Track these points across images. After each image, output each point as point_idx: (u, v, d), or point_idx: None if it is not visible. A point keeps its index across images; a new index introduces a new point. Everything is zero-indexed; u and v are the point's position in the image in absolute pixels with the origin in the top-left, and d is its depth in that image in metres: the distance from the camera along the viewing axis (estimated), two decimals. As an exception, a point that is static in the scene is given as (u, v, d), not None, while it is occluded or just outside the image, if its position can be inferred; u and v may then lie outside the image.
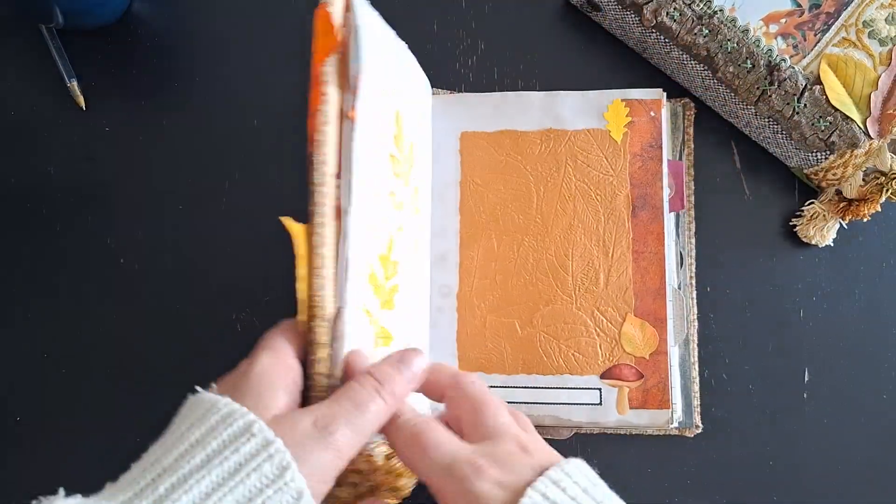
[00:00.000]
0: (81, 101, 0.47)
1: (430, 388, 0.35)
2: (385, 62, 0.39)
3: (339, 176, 0.36)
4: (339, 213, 0.35)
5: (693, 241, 0.49)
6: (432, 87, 0.51)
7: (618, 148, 0.48)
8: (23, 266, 0.46)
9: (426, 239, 0.48)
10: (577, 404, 0.47)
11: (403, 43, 0.44)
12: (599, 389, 0.47)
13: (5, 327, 0.45)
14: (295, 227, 0.35)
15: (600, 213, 0.48)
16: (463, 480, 0.29)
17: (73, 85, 0.46)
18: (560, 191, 0.49)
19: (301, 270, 0.35)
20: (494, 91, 0.51)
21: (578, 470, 0.30)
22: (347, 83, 0.36)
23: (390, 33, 0.42)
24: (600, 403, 0.47)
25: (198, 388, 0.30)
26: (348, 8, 0.37)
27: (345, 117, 0.36)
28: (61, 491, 0.27)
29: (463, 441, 0.32)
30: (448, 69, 0.52)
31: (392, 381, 0.33)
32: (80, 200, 0.46)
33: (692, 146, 0.50)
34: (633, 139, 0.48)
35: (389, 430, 0.33)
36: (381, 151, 0.39)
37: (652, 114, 0.48)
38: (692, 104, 0.50)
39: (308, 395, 0.34)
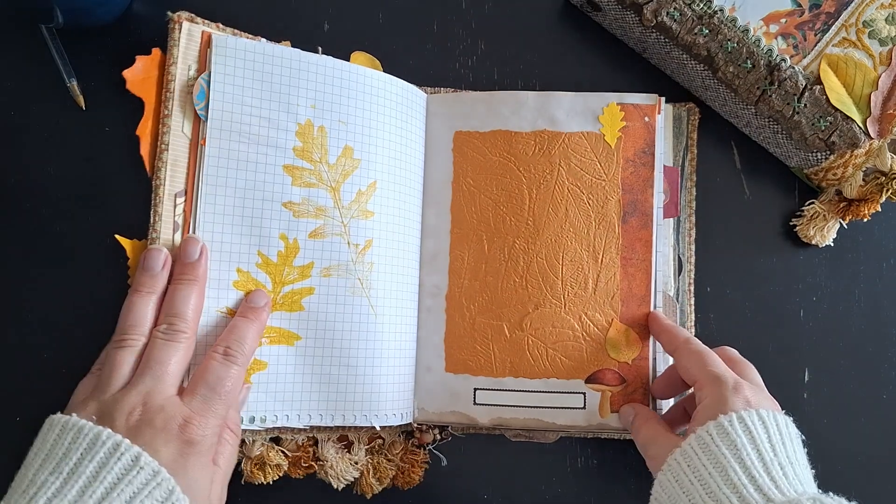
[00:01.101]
0: (81, 101, 0.46)
1: (666, 343, 0.45)
2: (271, 86, 0.44)
3: (187, 193, 0.42)
4: (186, 228, 0.42)
5: (693, 247, 0.49)
6: (432, 86, 0.51)
7: (611, 152, 0.48)
8: (22, 266, 0.46)
9: (393, 239, 0.47)
10: (561, 408, 0.47)
11: (332, 59, 0.46)
12: (584, 394, 0.47)
13: (5, 327, 0.45)
14: (126, 243, 0.43)
15: (591, 218, 0.48)
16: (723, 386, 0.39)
17: (73, 85, 0.46)
18: (553, 193, 0.48)
19: (132, 279, 0.42)
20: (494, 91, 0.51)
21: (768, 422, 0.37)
22: (195, 113, 0.42)
23: (291, 54, 0.44)
24: (584, 407, 0.47)
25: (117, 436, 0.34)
26: (209, 45, 0.43)
27: (194, 141, 0.42)
28: None
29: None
30: (448, 69, 0.51)
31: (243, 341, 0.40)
32: (80, 200, 0.46)
33: (695, 151, 0.50)
34: (626, 144, 0.48)
35: (681, 350, 0.43)
36: (269, 167, 0.44)
37: (646, 119, 0.48)
38: (697, 109, 0.50)
39: None
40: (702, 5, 0.45)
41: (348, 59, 0.49)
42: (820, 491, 0.35)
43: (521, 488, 0.49)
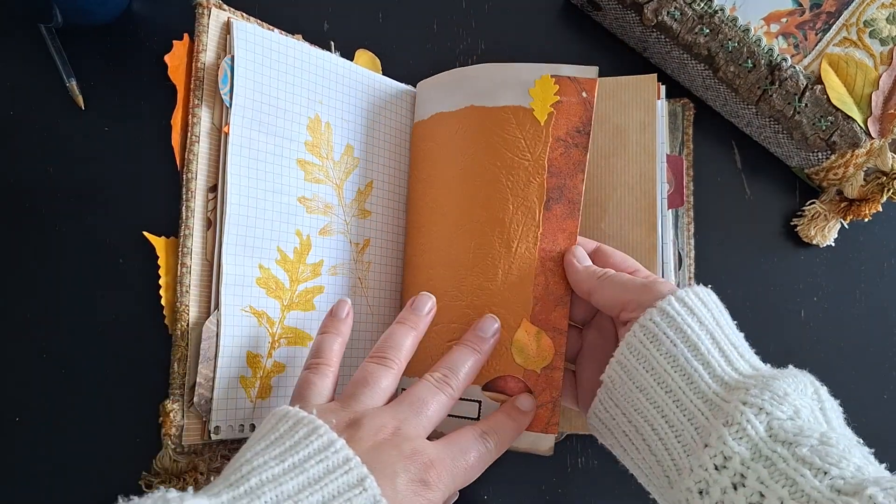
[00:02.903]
0: (81, 100, 0.46)
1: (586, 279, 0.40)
2: (287, 76, 0.43)
3: (215, 189, 0.41)
4: (213, 224, 0.40)
5: (692, 241, 0.49)
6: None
7: (539, 129, 0.41)
8: (22, 266, 0.46)
9: (388, 240, 0.48)
10: (453, 416, 0.40)
11: (338, 57, 0.46)
12: (479, 402, 0.41)
13: (5, 327, 0.45)
14: (156, 241, 0.41)
15: (509, 202, 0.41)
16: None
17: (73, 85, 0.46)
18: (470, 175, 0.43)
19: (163, 279, 0.41)
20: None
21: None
22: (221, 101, 0.41)
23: (304, 48, 0.44)
24: (478, 418, 0.40)
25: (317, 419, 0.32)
26: (228, 31, 0.41)
27: (221, 133, 0.41)
28: (190, 489, 0.28)
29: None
30: (448, 69, 0.51)
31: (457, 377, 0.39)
32: (80, 200, 0.46)
33: (691, 146, 0.50)
34: (558, 121, 0.41)
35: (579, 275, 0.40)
36: (284, 160, 0.42)
37: (584, 94, 0.42)
38: (691, 104, 0.50)
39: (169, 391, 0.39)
40: (702, 5, 0.45)
41: (350, 58, 0.49)
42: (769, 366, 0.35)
43: (521, 488, 0.49)
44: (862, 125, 0.45)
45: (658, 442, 0.34)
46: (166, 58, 0.41)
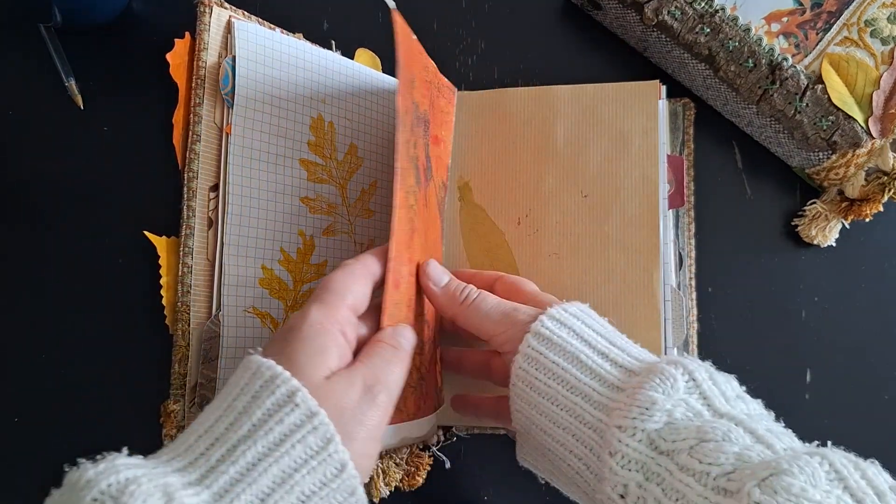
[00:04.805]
0: (80, 100, 0.46)
1: (481, 285, 0.40)
2: (289, 76, 0.43)
3: (216, 188, 0.41)
4: (214, 223, 0.40)
5: (693, 241, 0.49)
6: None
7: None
8: (22, 266, 0.46)
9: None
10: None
11: (340, 56, 0.46)
12: None
13: (4, 327, 0.45)
14: (157, 240, 0.41)
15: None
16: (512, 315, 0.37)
17: (72, 84, 0.46)
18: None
19: (164, 279, 0.40)
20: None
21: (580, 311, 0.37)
22: (223, 100, 0.41)
23: (305, 47, 0.44)
24: None
25: (250, 350, 0.30)
26: (229, 30, 0.41)
27: (223, 132, 0.41)
28: (124, 450, 0.28)
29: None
30: (448, 69, 0.51)
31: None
32: (80, 200, 0.46)
33: (692, 146, 0.50)
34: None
35: (444, 301, 0.38)
36: (287, 160, 0.42)
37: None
38: (692, 104, 0.50)
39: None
40: (703, 4, 0.45)
41: (351, 57, 0.49)
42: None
43: (521, 488, 0.49)
44: (863, 125, 0.45)
45: (577, 475, 0.34)
46: (168, 56, 0.41)
